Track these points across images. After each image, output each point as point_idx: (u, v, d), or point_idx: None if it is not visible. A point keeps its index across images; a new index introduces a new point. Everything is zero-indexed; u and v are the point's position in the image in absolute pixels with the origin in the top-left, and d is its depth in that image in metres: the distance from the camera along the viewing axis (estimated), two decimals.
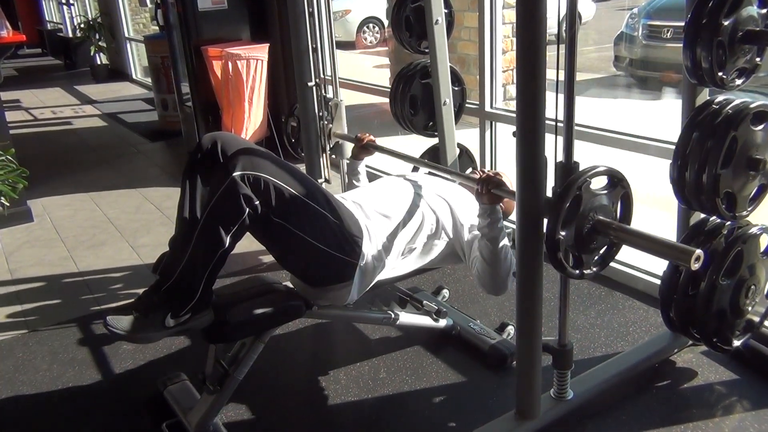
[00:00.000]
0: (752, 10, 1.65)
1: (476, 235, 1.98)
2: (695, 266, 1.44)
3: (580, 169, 1.59)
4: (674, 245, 1.54)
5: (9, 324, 2.73)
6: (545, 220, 1.60)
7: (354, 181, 2.47)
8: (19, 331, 2.65)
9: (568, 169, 1.60)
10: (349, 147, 2.71)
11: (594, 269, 1.67)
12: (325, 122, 2.86)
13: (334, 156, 2.90)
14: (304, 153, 3.01)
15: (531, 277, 1.67)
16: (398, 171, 2.44)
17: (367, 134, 2.49)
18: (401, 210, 2.00)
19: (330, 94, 2.89)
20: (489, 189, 1.84)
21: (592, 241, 1.62)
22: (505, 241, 1.89)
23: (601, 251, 1.67)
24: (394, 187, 2.12)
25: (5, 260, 3.38)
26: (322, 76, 2.88)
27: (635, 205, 1.69)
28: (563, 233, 1.55)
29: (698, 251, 1.43)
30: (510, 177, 2.23)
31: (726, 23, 1.60)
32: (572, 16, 1.49)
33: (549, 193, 1.61)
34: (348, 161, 2.59)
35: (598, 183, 1.61)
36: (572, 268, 1.61)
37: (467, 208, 2.09)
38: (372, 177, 2.52)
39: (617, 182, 1.63)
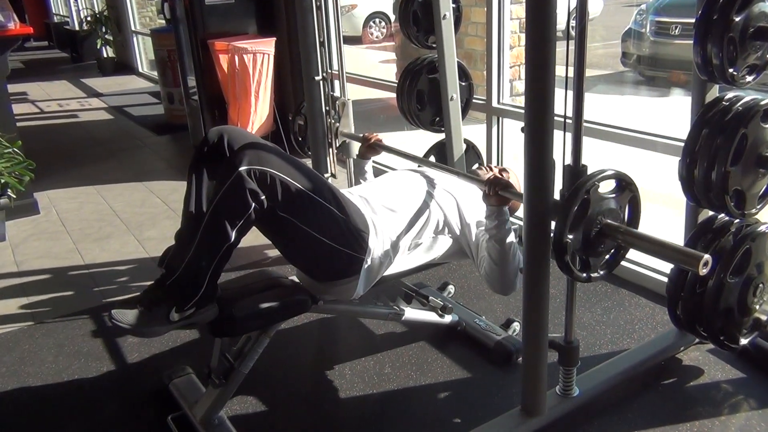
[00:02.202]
0: (764, 6, 1.63)
1: (483, 231, 1.98)
2: (703, 271, 1.43)
3: (589, 172, 1.58)
4: (682, 250, 1.52)
5: (15, 316, 2.74)
6: (553, 223, 1.59)
7: (361, 181, 2.46)
8: (25, 323, 2.66)
9: (576, 172, 1.59)
10: (356, 146, 2.70)
11: (601, 272, 1.66)
12: (332, 120, 2.85)
13: (341, 155, 2.89)
14: (310, 150, 3.01)
15: (538, 276, 1.67)
16: (404, 165, 2.42)
17: (374, 134, 2.48)
18: (408, 205, 1.99)
19: (337, 92, 2.89)
20: (497, 191, 1.84)
21: (599, 244, 1.61)
22: (512, 240, 1.89)
23: (609, 254, 1.67)
24: (401, 182, 2.11)
25: (12, 252, 3.39)
26: (329, 70, 2.87)
27: (643, 203, 1.68)
28: (571, 237, 1.55)
29: (706, 256, 1.42)
30: (516, 173, 2.23)
31: (737, 19, 1.59)
32: (582, 10, 1.49)
33: (557, 195, 1.61)
34: (355, 160, 2.58)
35: (606, 186, 1.60)
36: (579, 271, 1.61)
37: (474, 204, 2.09)
38: (378, 172, 2.52)
39: (625, 186, 1.63)
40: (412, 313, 2.27)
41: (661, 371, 2.11)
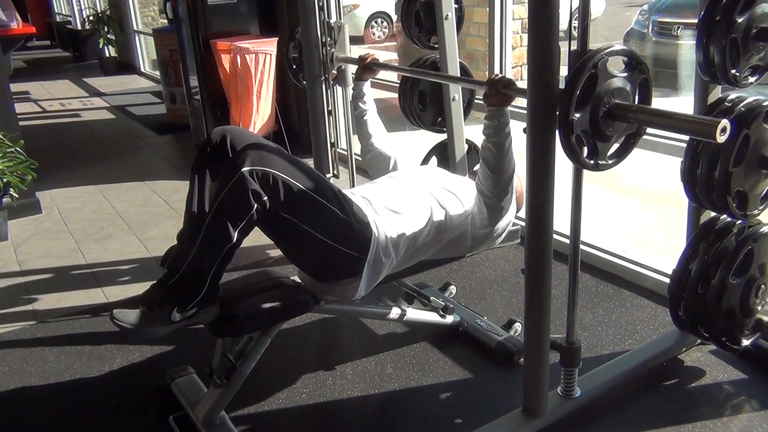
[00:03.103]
0: (767, 7, 1.63)
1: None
2: (721, 138, 1.33)
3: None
4: (697, 119, 1.46)
5: (17, 315, 2.74)
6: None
7: (360, 104, 2.45)
8: (27, 322, 2.66)
9: (583, 52, 1.49)
10: (351, 76, 2.64)
11: (610, 161, 1.58)
12: (328, 47, 2.79)
13: (337, 84, 2.83)
14: (312, 147, 3.00)
15: (539, 271, 1.66)
16: (407, 165, 2.42)
17: (370, 53, 2.48)
18: (410, 206, 1.99)
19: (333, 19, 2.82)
20: (498, 89, 1.78)
21: (608, 127, 1.52)
22: (510, 145, 1.83)
23: (619, 142, 1.59)
24: (403, 183, 2.11)
25: (14, 251, 3.40)
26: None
27: (642, 203, 1.67)
28: (577, 115, 1.47)
29: (724, 121, 1.33)
30: (519, 175, 2.22)
31: (740, 20, 1.59)
32: (584, 11, 1.48)
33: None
34: (354, 84, 2.54)
35: (616, 67, 1.53)
36: (587, 157, 1.53)
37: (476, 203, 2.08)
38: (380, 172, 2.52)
39: (636, 65, 1.54)
40: (414, 314, 2.27)
41: (662, 372, 2.11)
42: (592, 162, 1.54)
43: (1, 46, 3.71)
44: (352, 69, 2.64)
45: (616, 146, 1.59)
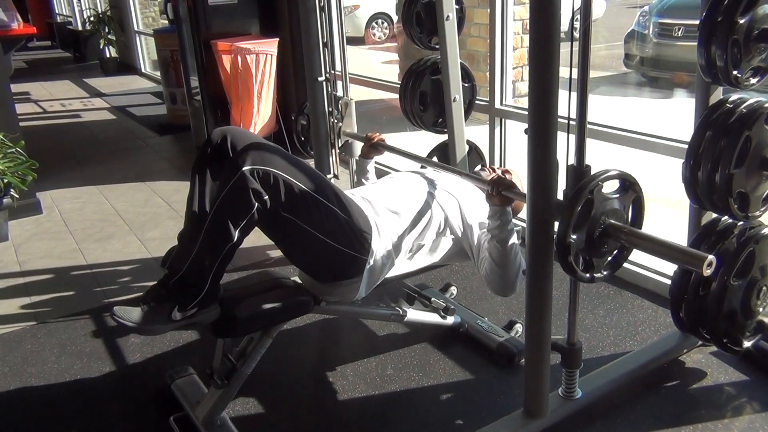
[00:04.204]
0: None
1: (485, 233, 1.97)
2: (707, 272, 1.42)
3: (592, 172, 1.58)
4: (686, 250, 1.52)
5: (18, 316, 2.74)
6: (556, 223, 1.59)
7: (363, 180, 2.46)
8: (27, 323, 2.66)
9: (579, 172, 1.59)
10: (359, 146, 2.70)
11: (604, 273, 1.66)
12: (335, 120, 2.86)
13: (344, 154, 2.89)
14: (313, 150, 3.00)
15: (540, 278, 1.67)
16: (407, 166, 2.42)
17: (377, 133, 2.48)
18: (410, 207, 1.99)
19: (340, 92, 2.89)
20: (500, 191, 1.84)
21: (603, 244, 1.61)
22: (514, 241, 1.89)
23: (612, 255, 1.66)
24: (403, 184, 2.11)
25: (14, 252, 3.39)
26: (331, 71, 2.87)
27: (647, 204, 1.67)
28: (574, 237, 1.55)
29: (710, 257, 1.42)
30: (520, 175, 2.22)
31: (741, 21, 1.58)
32: (586, 11, 1.48)
33: (560, 196, 1.60)
34: (357, 160, 2.58)
35: (610, 187, 1.60)
36: (582, 271, 1.61)
37: (476, 205, 2.08)
38: (381, 173, 2.52)
39: (629, 186, 1.62)
40: (415, 315, 2.27)
41: (663, 374, 2.11)
42: (587, 276, 1.62)
43: (1, 46, 3.72)
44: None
45: (610, 258, 1.67)
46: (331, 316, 2.54)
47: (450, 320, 2.35)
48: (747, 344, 1.86)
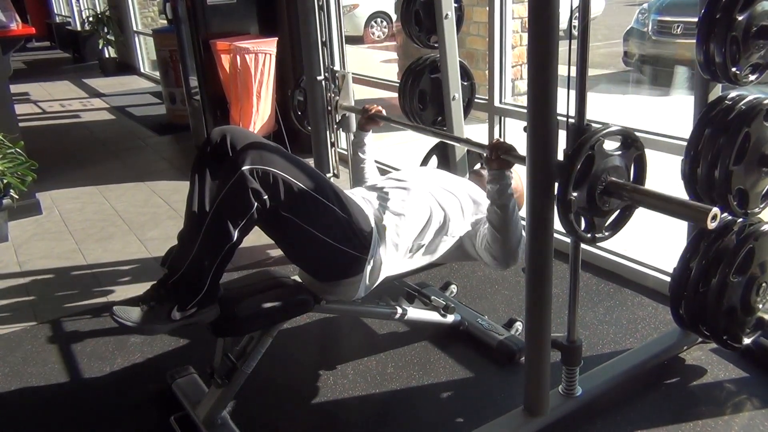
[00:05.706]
0: (767, 5, 1.63)
1: (483, 221, 1.96)
2: (712, 225, 1.38)
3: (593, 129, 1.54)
4: (690, 204, 1.49)
5: (18, 316, 2.74)
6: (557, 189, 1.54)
7: (359, 153, 2.45)
8: (28, 323, 2.66)
9: (580, 129, 1.56)
10: (355, 123, 2.68)
11: (606, 233, 1.62)
12: (332, 94, 2.82)
13: (341, 129, 2.85)
14: (313, 147, 3.00)
15: (540, 270, 1.66)
16: (407, 166, 2.42)
17: (375, 105, 2.48)
18: (410, 206, 1.99)
19: (337, 66, 2.85)
20: (499, 155, 1.82)
21: (604, 203, 1.57)
22: (514, 207, 1.86)
23: (614, 215, 1.63)
24: (403, 183, 2.11)
25: (14, 252, 3.39)
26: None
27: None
28: (575, 194, 1.50)
29: (714, 209, 1.38)
30: (519, 174, 2.22)
31: (740, 18, 1.58)
32: (584, 9, 1.48)
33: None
34: (355, 132, 2.56)
35: (612, 145, 1.57)
36: (584, 231, 1.57)
37: (476, 204, 2.09)
38: (380, 173, 2.52)
39: (631, 143, 1.58)
40: (415, 313, 2.27)
41: (663, 371, 2.11)
42: (589, 236, 1.59)
43: (0, 47, 3.71)
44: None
45: (612, 218, 1.64)
46: (332, 315, 2.54)
47: (450, 319, 2.35)
48: (747, 341, 1.86)
